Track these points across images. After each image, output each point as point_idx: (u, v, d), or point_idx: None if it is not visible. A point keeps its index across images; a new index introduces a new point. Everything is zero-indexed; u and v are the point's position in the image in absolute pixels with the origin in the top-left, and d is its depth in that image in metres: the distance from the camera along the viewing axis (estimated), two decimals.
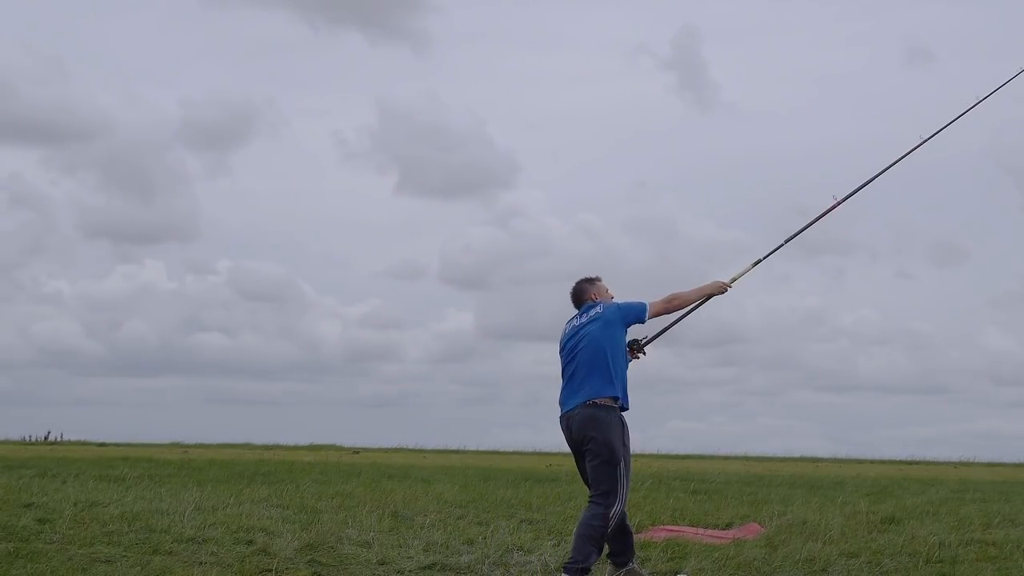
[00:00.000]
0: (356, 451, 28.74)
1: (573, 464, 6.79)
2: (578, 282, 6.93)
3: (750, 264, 7.11)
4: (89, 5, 59.03)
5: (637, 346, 6.89)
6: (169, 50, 58.49)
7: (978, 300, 53.69)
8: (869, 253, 49.66)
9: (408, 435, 44.74)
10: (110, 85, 58.32)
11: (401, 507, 10.19)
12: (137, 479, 13.38)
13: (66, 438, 32.28)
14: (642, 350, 6.90)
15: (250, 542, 7.71)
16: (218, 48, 60.15)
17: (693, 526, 9.34)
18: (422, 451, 30.25)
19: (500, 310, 49.44)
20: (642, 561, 6.99)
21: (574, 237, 49.43)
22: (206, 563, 6.90)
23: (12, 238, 50.42)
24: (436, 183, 53.67)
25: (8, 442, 30.80)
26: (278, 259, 59.33)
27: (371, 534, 8.26)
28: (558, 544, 8.04)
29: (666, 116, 57.76)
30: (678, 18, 59.97)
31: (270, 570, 6.75)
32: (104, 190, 52.55)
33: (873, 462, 27.65)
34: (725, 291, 6.86)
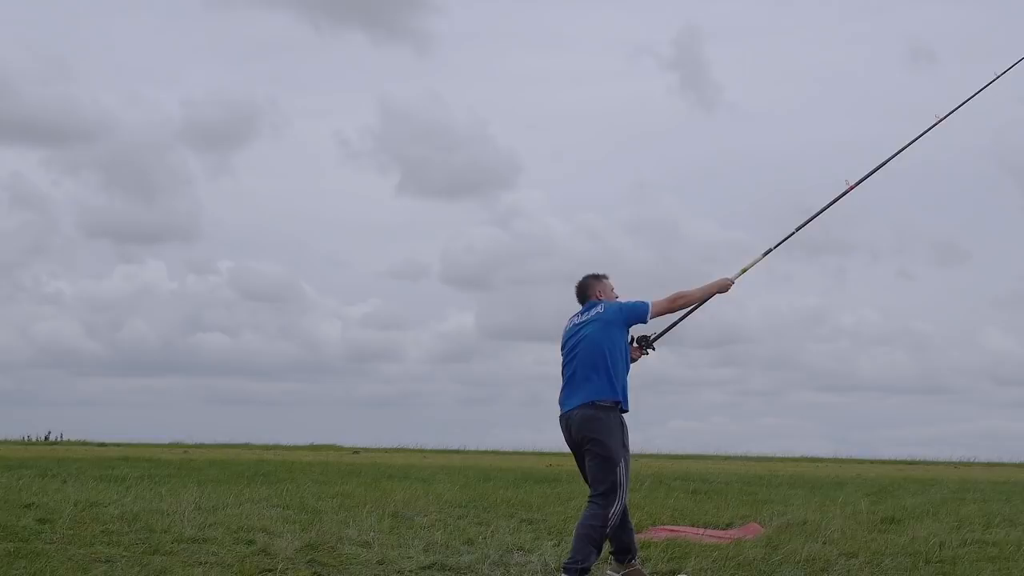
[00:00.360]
0: (356, 451, 28.75)
1: (573, 464, 6.79)
2: (585, 277, 6.86)
3: (760, 255, 7.07)
4: (91, 5, 59.15)
5: (646, 342, 6.85)
6: (171, 50, 58.58)
7: (979, 300, 53.78)
8: (870, 253, 49.76)
9: (408, 435, 44.81)
10: (112, 85, 58.52)
11: (401, 507, 10.19)
12: (137, 479, 13.38)
13: (66, 438, 32.32)
14: (651, 346, 6.86)
15: (250, 542, 7.70)
16: (220, 48, 60.30)
17: (693, 526, 9.33)
18: (422, 451, 30.27)
19: (501, 310, 49.53)
20: (642, 561, 6.98)
21: (575, 237, 49.54)
22: (206, 563, 6.90)
23: (13, 238, 50.53)
24: (438, 183, 53.75)
25: (8, 442, 30.81)
26: (279, 259, 59.42)
27: (371, 534, 8.26)
28: (558, 544, 8.03)
29: (667, 116, 57.84)
30: (680, 18, 60.13)
31: (270, 570, 6.75)
32: (105, 190, 52.63)
33: (873, 462, 27.69)
34: (729, 288, 6.83)
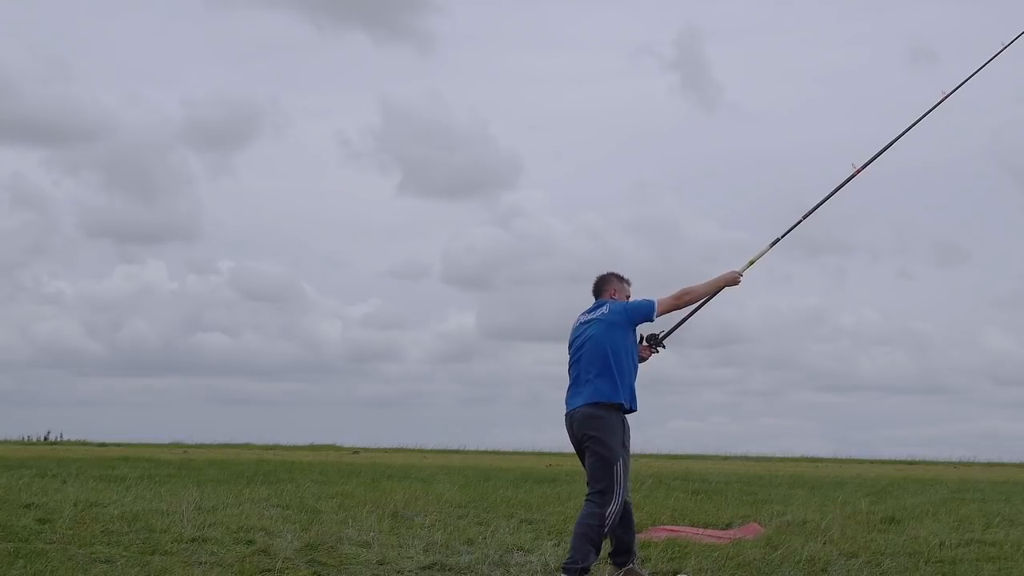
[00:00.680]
0: (356, 451, 28.75)
1: (573, 464, 6.81)
2: (607, 273, 6.81)
3: (767, 245, 7.02)
4: (92, 5, 59.02)
5: (655, 341, 6.82)
6: (172, 50, 58.46)
7: (979, 300, 53.69)
8: (870, 253, 49.63)
9: (408, 435, 44.79)
10: (112, 85, 58.40)
11: (401, 507, 10.19)
12: (137, 479, 13.38)
13: (66, 438, 32.30)
14: (661, 344, 6.84)
15: (250, 542, 7.70)
16: (221, 48, 60.18)
17: (693, 526, 9.33)
18: (422, 451, 30.27)
19: (502, 310, 49.45)
20: (642, 561, 6.98)
21: (576, 237, 49.47)
22: (206, 563, 6.90)
23: (14, 238, 50.38)
24: (439, 183, 53.63)
25: (8, 442, 30.80)
26: (280, 259, 59.27)
27: (371, 534, 8.26)
28: (558, 544, 8.03)
29: (668, 116, 57.72)
30: (681, 18, 60.02)
31: (270, 570, 6.75)
32: (106, 190, 52.50)
33: (873, 462, 27.68)
34: (738, 282, 6.76)
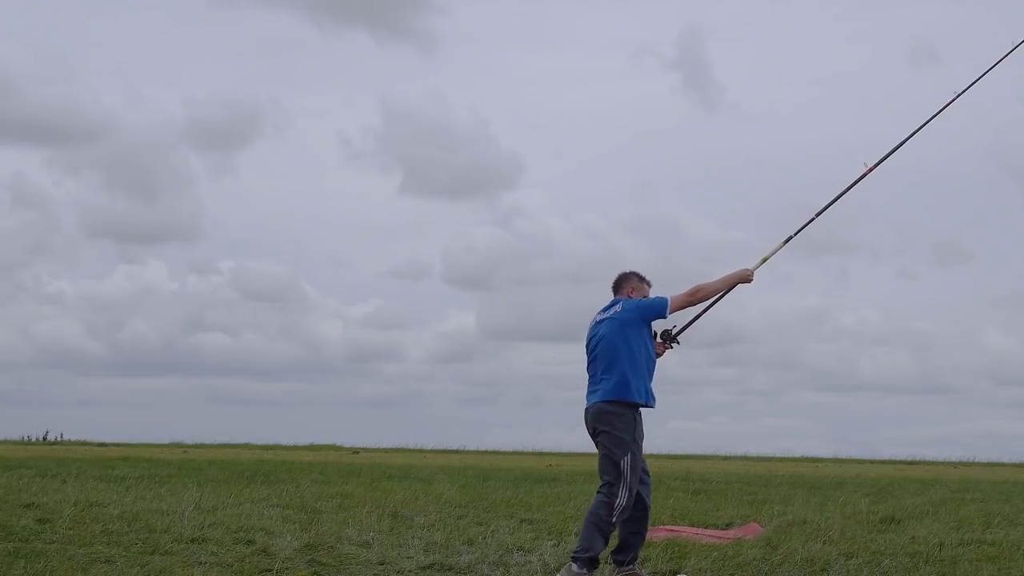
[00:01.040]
0: (356, 451, 28.74)
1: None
2: (627, 272, 6.86)
3: (780, 243, 7.02)
4: (93, 5, 58.98)
5: (669, 336, 6.87)
6: (174, 50, 58.41)
7: (981, 300, 53.69)
8: (871, 253, 49.64)
9: (409, 435, 44.77)
10: (114, 85, 58.42)
11: (401, 507, 10.19)
12: (137, 479, 13.37)
13: (66, 438, 32.29)
14: (675, 340, 6.90)
15: (250, 542, 7.70)
16: (222, 48, 60.13)
17: (693, 526, 9.33)
18: (422, 451, 30.27)
19: (502, 310, 49.46)
20: (642, 561, 6.98)
21: (576, 237, 49.48)
22: (206, 563, 6.90)
23: (15, 238, 50.41)
24: (440, 183, 53.65)
25: (8, 442, 30.80)
26: (281, 259, 59.27)
27: (371, 534, 8.26)
28: (558, 544, 8.03)
29: (669, 116, 57.74)
30: (682, 18, 59.99)
31: (270, 570, 6.74)
32: (108, 190, 52.52)
33: (873, 462, 27.66)
34: (751, 279, 6.77)
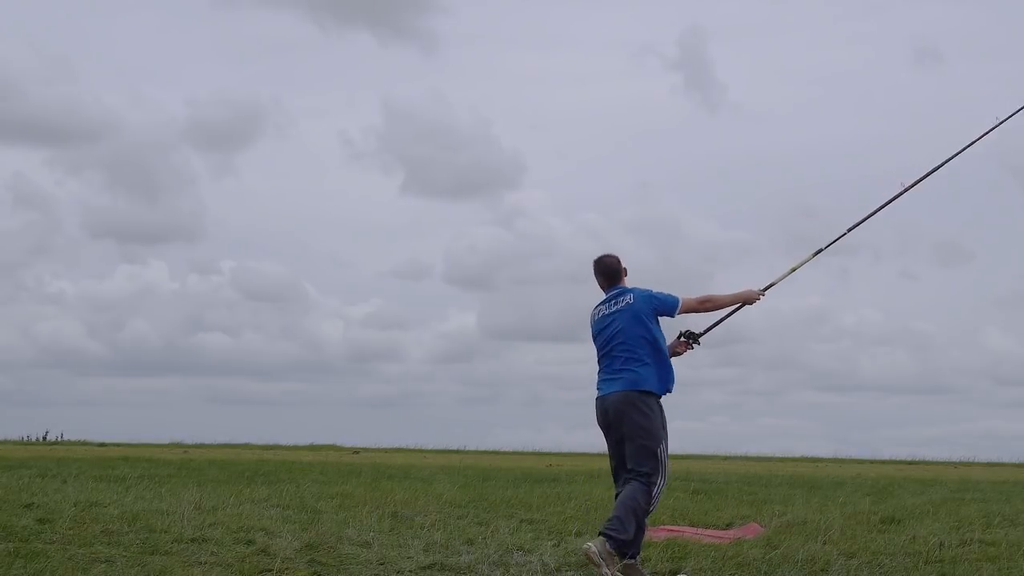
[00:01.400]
0: (356, 451, 28.74)
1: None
2: (613, 258, 6.83)
3: (788, 270, 7.11)
4: (95, 5, 59.10)
5: (692, 337, 6.89)
6: (175, 50, 58.52)
7: (982, 300, 53.71)
8: (873, 253, 49.62)
9: (409, 435, 44.77)
10: (116, 85, 58.52)
11: (401, 507, 10.19)
12: (137, 479, 13.37)
13: (67, 438, 32.28)
14: (697, 340, 6.91)
15: (250, 542, 7.70)
16: (224, 48, 60.24)
17: (693, 526, 9.33)
18: (422, 451, 30.26)
19: (503, 310, 49.48)
20: (642, 561, 6.98)
21: (577, 237, 49.48)
22: (206, 563, 6.90)
23: (16, 238, 50.48)
24: (441, 183, 53.71)
25: (8, 442, 30.80)
26: (282, 259, 59.33)
27: (371, 534, 8.26)
28: (558, 544, 8.04)
29: (671, 116, 57.78)
30: (684, 18, 60.09)
31: (270, 570, 6.75)
32: (109, 190, 52.61)
33: (873, 462, 27.65)
34: (755, 301, 6.88)
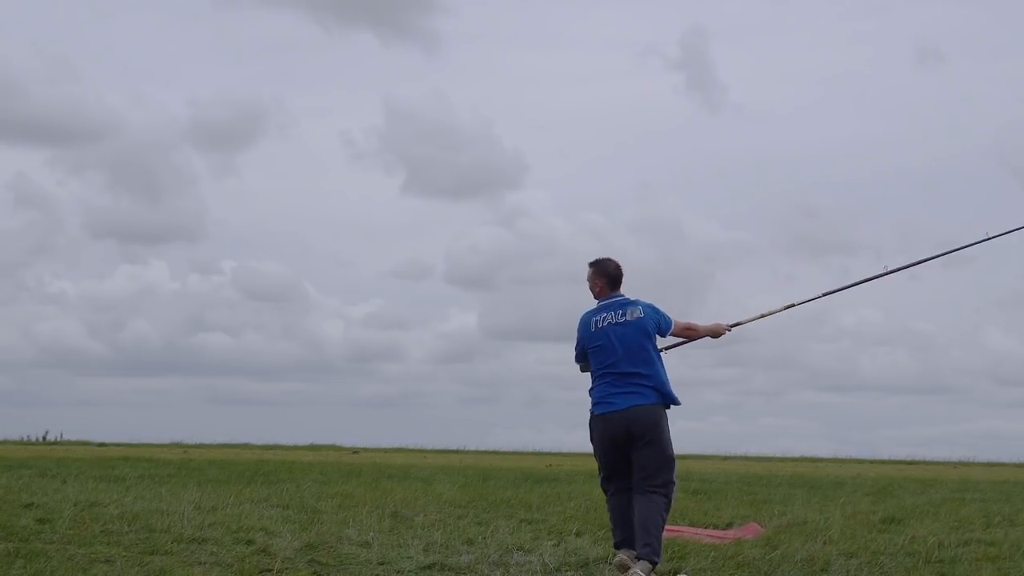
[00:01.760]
0: (356, 451, 28.74)
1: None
2: (616, 263, 6.93)
3: (756, 315, 7.35)
4: (97, 5, 59.03)
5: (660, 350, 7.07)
6: (177, 50, 58.43)
7: (982, 300, 53.71)
8: (874, 253, 49.61)
9: (409, 435, 44.79)
10: (117, 85, 58.45)
11: (401, 507, 10.19)
12: (137, 479, 13.38)
13: (66, 438, 32.27)
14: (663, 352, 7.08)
15: (250, 542, 7.71)
16: (226, 48, 60.15)
17: (693, 526, 9.34)
18: (422, 451, 30.26)
19: (503, 310, 49.46)
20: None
21: (579, 237, 49.45)
22: (206, 563, 6.90)
23: (17, 238, 50.43)
24: (443, 183, 53.68)
25: (8, 442, 30.80)
26: (283, 259, 59.24)
27: (371, 534, 8.26)
28: (558, 544, 8.04)
29: (672, 116, 57.75)
30: (686, 18, 60.09)
31: (270, 570, 6.75)
32: (110, 190, 52.54)
33: (873, 462, 27.63)
34: (719, 336, 7.14)
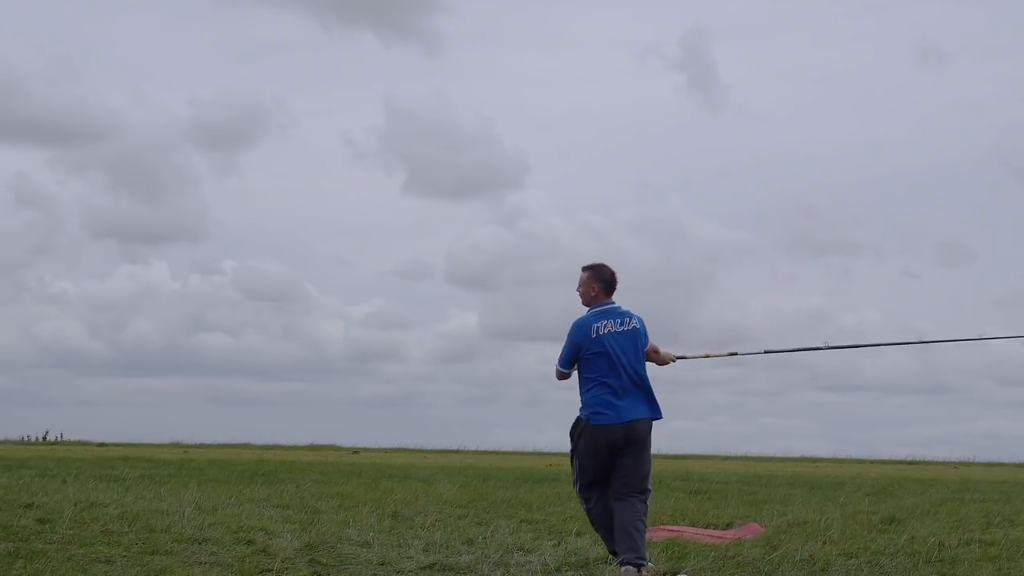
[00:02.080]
0: (356, 451, 28.74)
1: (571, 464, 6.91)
2: (612, 271, 7.05)
3: (703, 354, 7.55)
4: (98, 5, 58.81)
5: None
6: (178, 50, 58.29)
7: (983, 300, 53.58)
8: (875, 253, 49.57)
9: (409, 435, 44.74)
10: (118, 85, 58.21)
11: (401, 507, 10.19)
12: (137, 479, 13.37)
13: (66, 438, 32.26)
14: None
15: (250, 542, 7.71)
16: (227, 48, 59.95)
17: (693, 526, 9.34)
18: (422, 451, 30.25)
19: (504, 310, 49.38)
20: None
21: (580, 237, 49.39)
22: (206, 563, 6.90)
23: (18, 238, 50.30)
24: (444, 183, 53.57)
25: (8, 442, 30.80)
26: (284, 259, 59.16)
27: (371, 534, 8.26)
28: (558, 544, 8.04)
29: (673, 116, 57.61)
30: (687, 18, 59.97)
31: (270, 570, 6.75)
32: (111, 190, 52.39)
33: (873, 462, 27.62)
34: (666, 364, 7.25)
